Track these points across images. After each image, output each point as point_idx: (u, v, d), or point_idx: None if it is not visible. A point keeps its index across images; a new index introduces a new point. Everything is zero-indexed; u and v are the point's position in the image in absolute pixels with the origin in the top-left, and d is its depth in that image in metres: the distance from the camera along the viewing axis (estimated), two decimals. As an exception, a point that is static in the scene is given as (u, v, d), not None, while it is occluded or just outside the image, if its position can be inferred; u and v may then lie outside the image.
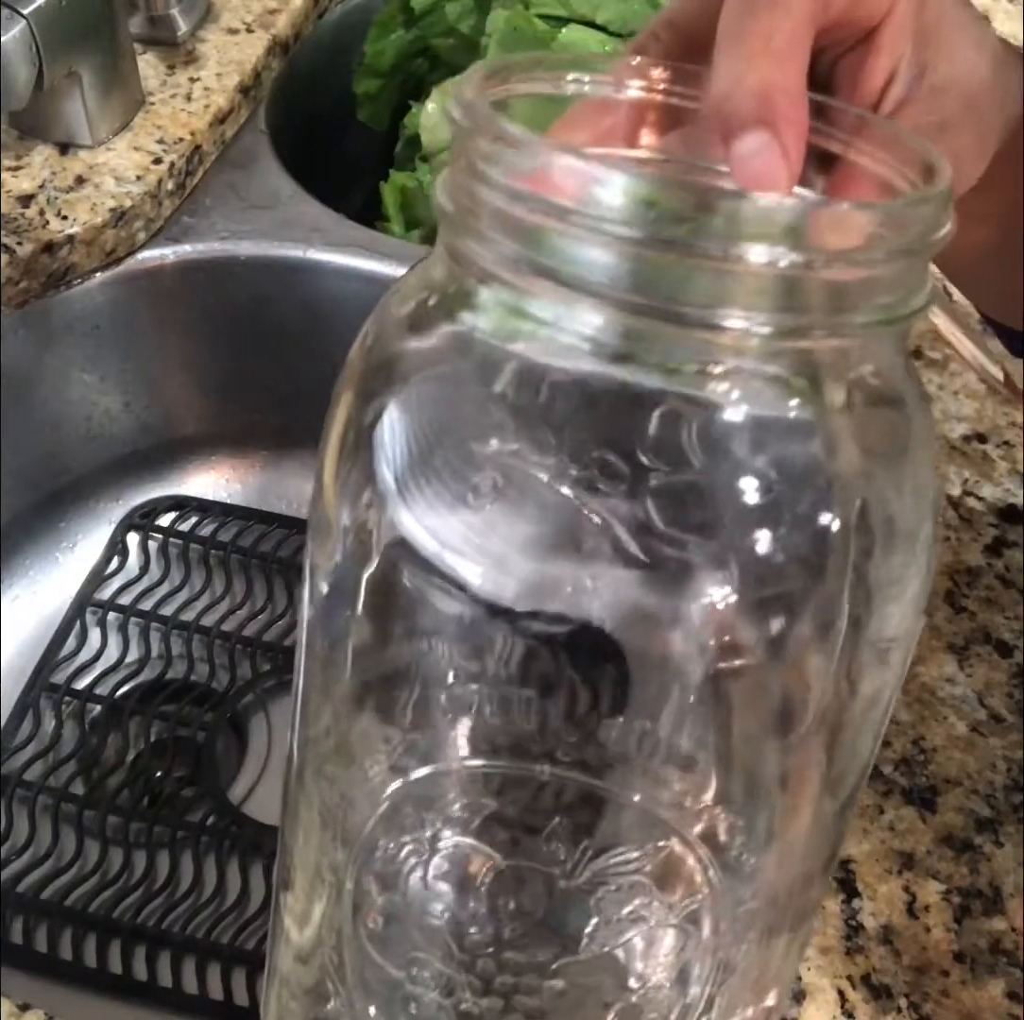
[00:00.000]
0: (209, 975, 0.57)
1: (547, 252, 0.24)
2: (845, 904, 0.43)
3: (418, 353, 0.28)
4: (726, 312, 0.24)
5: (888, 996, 0.41)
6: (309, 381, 0.73)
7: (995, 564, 0.52)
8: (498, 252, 0.25)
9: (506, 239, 0.25)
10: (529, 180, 0.24)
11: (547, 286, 0.24)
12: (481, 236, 0.25)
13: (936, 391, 0.58)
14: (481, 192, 0.25)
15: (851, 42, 0.30)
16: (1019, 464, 0.55)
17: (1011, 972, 0.41)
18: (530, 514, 0.26)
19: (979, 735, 0.47)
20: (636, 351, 0.25)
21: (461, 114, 0.26)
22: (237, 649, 0.69)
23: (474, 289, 0.26)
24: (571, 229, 0.24)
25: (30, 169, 0.67)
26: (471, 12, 0.80)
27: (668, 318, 0.24)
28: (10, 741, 0.64)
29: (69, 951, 0.57)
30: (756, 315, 0.24)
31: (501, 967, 0.31)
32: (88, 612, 0.69)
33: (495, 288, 0.26)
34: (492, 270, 0.25)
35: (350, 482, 0.28)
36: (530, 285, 0.25)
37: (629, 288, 0.24)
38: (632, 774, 0.28)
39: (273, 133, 0.76)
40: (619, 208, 0.24)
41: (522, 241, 0.25)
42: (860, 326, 0.25)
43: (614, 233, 0.23)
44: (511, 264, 0.25)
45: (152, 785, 0.64)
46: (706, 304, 0.24)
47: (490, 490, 0.26)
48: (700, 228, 0.24)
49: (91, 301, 0.68)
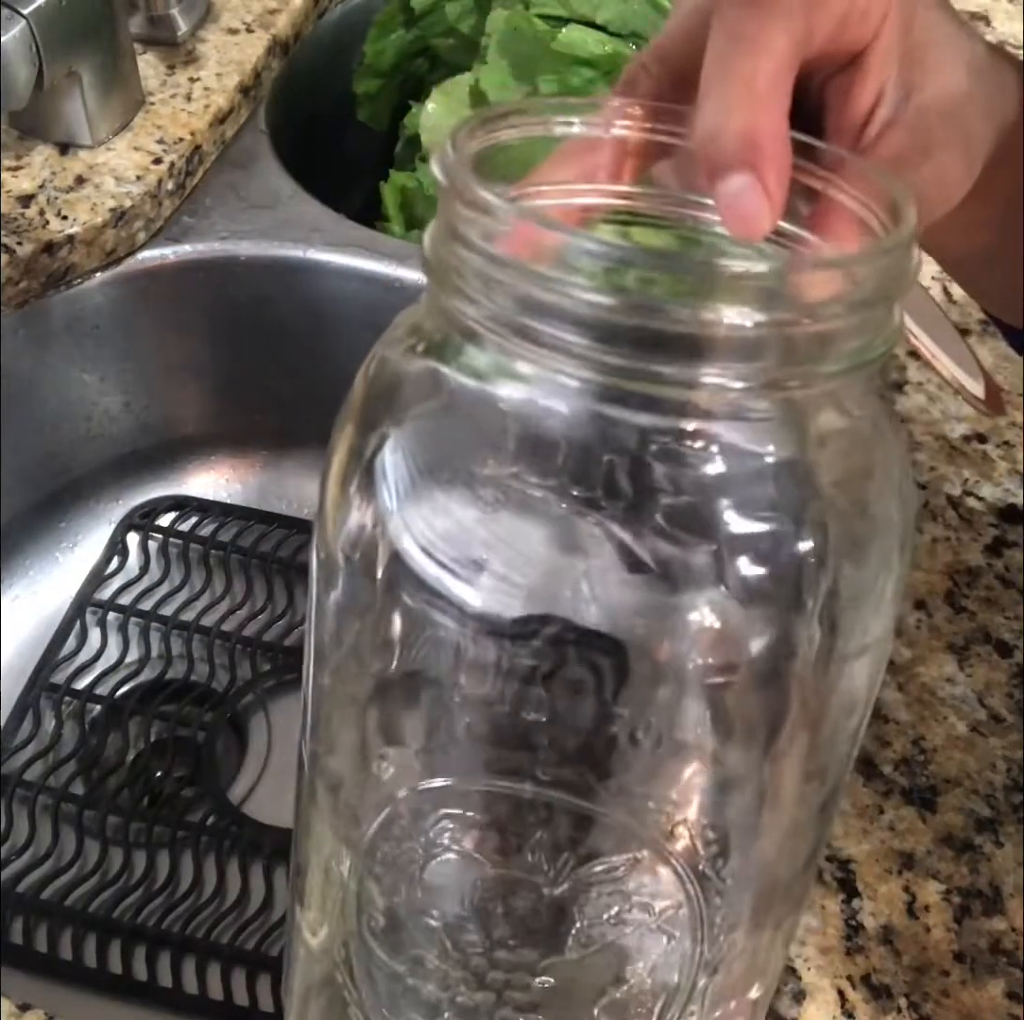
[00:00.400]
0: (209, 975, 0.57)
1: (525, 313, 0.25)
2: (845, 904, 0.43)
3: (415, 388, 0.29)
4: (700, 371, 0.25)
5: (888, 996, 0.41)
6: (309, 381, 0.73)
7: (995, 564, 0.52)
8: (480, 312, 0.26)
9: (485, 299, 0.26)
10: (505, 243, 0.25)
11: (527, 346, 0.25)
12: (463, 294, 0.26)
13: (936, 391, 0.58)
14: (460, 252, 0.26)
15: (839, 65, 0.31)
16: (1019, 464, 0.55)
17: (1011, 972, 0.41)
18: (528, 537, 0.27)
19: (979, 735, 0.47)
20: (615, 405, 0.26)
21: (441, 174, 0.27)
22: (237, 649, 0.69)
23: (459, 343, 0.27)
24: (544, 294, 0.25)
25: (30, 169, 0.67)
26: (471, 12, 0.80)
27: (645, 378, 0.25)
28: (10, 741, 0.64)
29: (69, 951, 0.57)
30: (729, 371, 0.25)
31: (493, 965, 0.32)
32: (88, 612, 0.69)
33: (479, 345, 0.27)
34: (474, 328, 0.26)
35: (352, 511, 0.29)
36: (511, 345, 0.26)
37: (605, 350, 0.25)
38: (611, 791, 0.30)
39: (273, 133, 0.76)
40: (588, 273, 0.25)
41: (500, 302, 0.25)
42: (831, 374, 0.26)
43: (584, 299, 0.24)
44: (491, 323, 0.26)
45: (152, 785, 0.64)
46: (681, 363, 0.25)
47: (489, 516, 0.27)
48: (672, 289, 0.25)
49: (91, 301, 0.68)
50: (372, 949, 0.34)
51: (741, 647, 0.27)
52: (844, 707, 0.30)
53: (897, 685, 0.48)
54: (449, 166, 0.27)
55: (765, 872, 0.32)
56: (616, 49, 0.71)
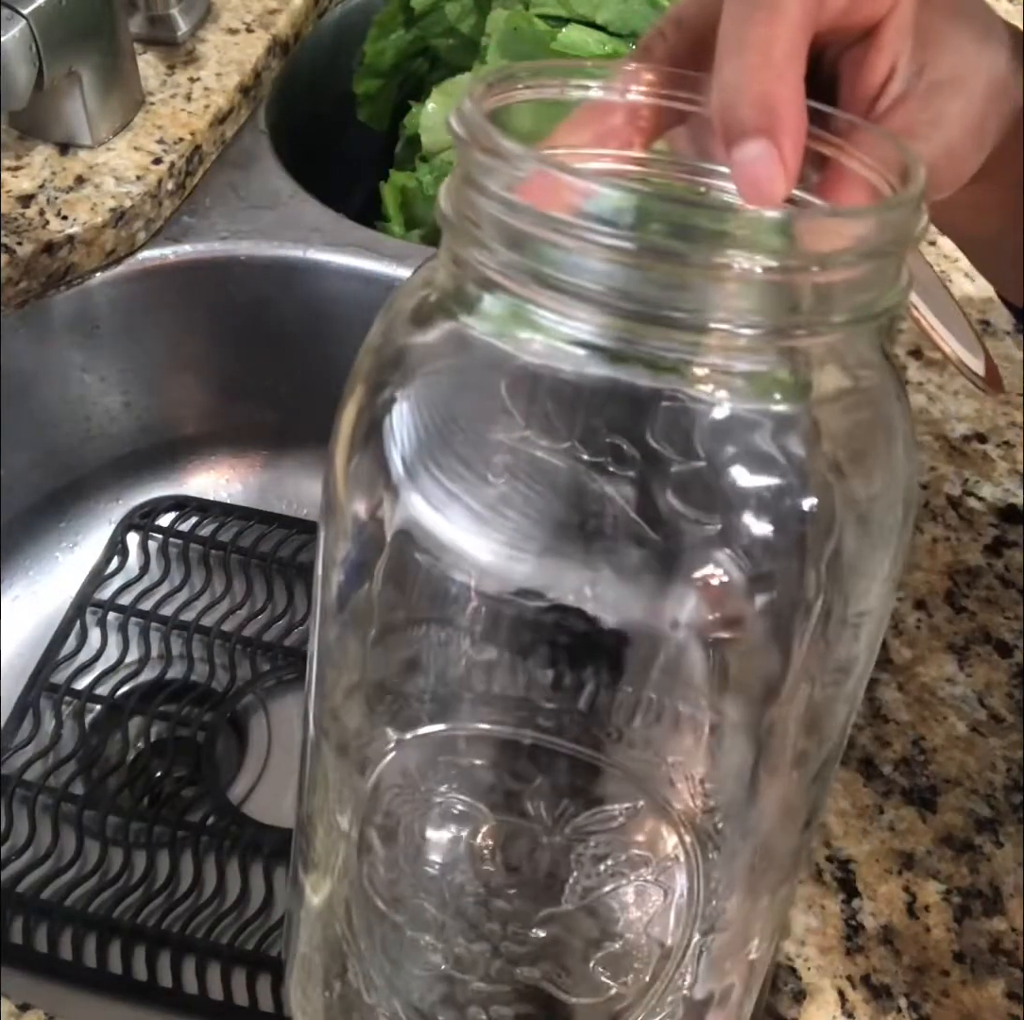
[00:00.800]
0: (209, 975, 0.57)
1: (542, 260, 0.26)
2: (845, 904, 0.43)
3: (425, 346, 0.30)
4: (713, 315, 0.25)
5: (888, 996, 0.41)
6: (309, 381, 0.73)
7: (995, 564, 0.52)
8: (496, 260, 0.26)
9: (503, 247, 0.26)
10: (523, 191, 0.26)
11: (543, 293, 0.26)
12: (480, 244, 0.27)
13: (936, 391, 0.58)
14: (478, 202, 0.26)
15: (853, 39, 0.31)
16: (1019, 464, 0.55)
17: (1011, 972, 0.41)
18: (539, 495, 0.28)
19: (979, 735, 0.47)
20: (629, 352, 0.26)
21: (458, 125, 0.27)
22: (237, 649, 0.69)
23: (475, 293, 0.28)
24: (563, 239, 0.25)
25: (30, 169, 0.67)
26: (471, 12, 0.80)
27: (658, 322, 0.25)
28: (10, 741, 0.64)
29: (69, 951, 0.57)
30: (740, 317, 0.25)
31: (490, 915, 0.33)
32: (88, 612, 0.69)
33: (494, 293, 0.27)
34: (491, 276, 0.27)
35: (362, 470, 0.30)
36: (527, 291, 0.26)
37: (620, 294, 0.25)
38: (611, 739, 0.30)
39: (273, 133, 0.76)
40: (606, 219, 0.25)
41: (519, 250, 0.26)
42: (839, 324, 0.26)
43: (602, 243, 0.25)
44: (509, 271, 0.26)
45: (152, 785, 0.64)
46: (694, 308, 0.25)
47: (500, 473, 0.28)
48: (686, 236, 0.25)
49: (91, 301, 0.68)
50: (372, 900, 0.34)
51: (745, 603, 0.28)
52: (842, 669, 0.31)
53: (897, 685, 0.48)
54: (468, 116, 0.27)
55: (761, 832, 0.33)
56: (616, 49, 0.71)
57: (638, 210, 0.25)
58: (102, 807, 0.62)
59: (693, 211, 0.26)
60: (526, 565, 0.28)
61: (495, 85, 0.29)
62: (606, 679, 0.30)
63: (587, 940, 0.33)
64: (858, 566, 0.29)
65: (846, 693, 0.32)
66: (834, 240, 0.26)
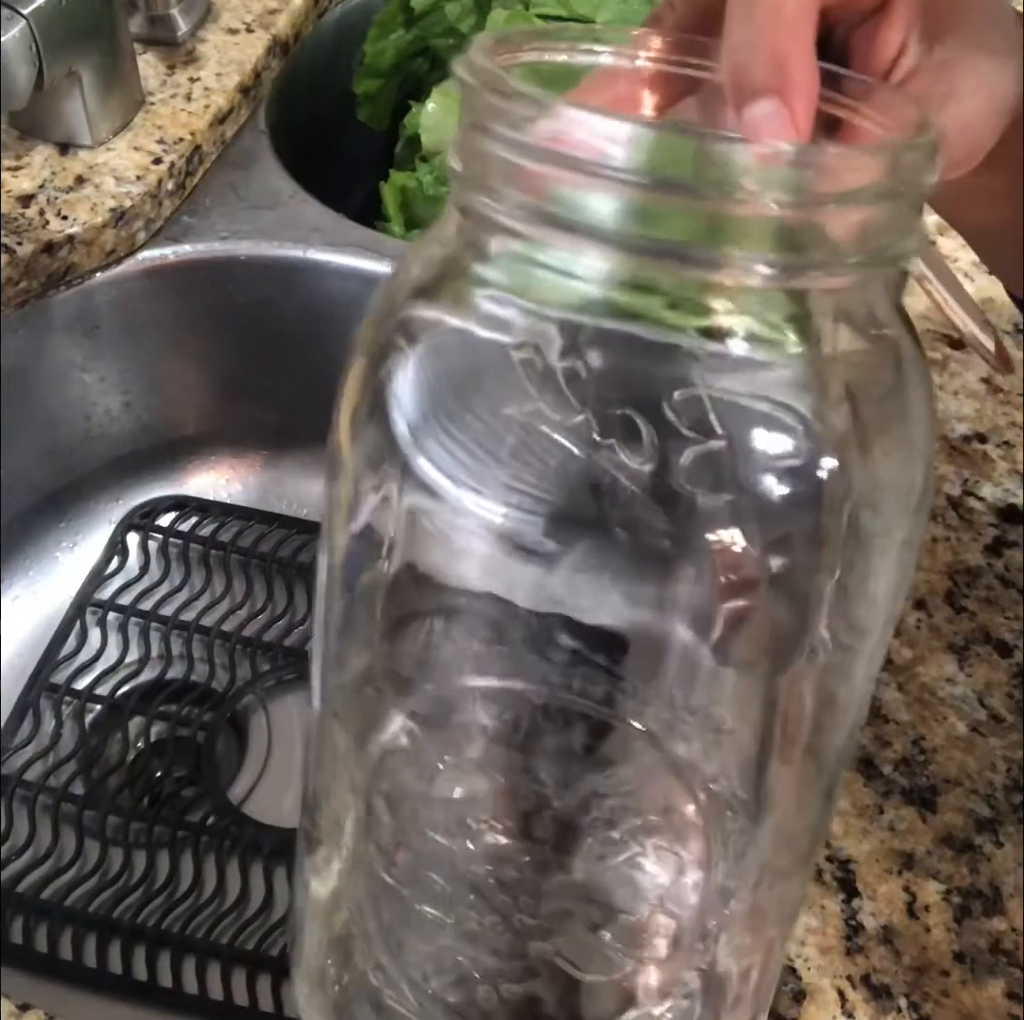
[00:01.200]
0: (209, 975, 0.57)
1: (555, 202, 0.25)
2: (845, 904, 0.43)
3: (427, 311, 0.29)
4: (727, 252, 0.25)
5: (888, 996, 0.41)
6: (309, 381, 0.73)
7: (995, 564, 0.52)
8: (507, 204, 0.26)
9: (515, 191, 0.26)
10: (535, 133, 0.25)
11: (555, 234, 0.26)
12: (490, 190, 0.26)
13: (936, 391, 0.58)
14: (489, 147, 0.26)
15: (863, 15, 0.31)
16: (1019, 464, 0.55)
17: (1011, 972, 0.41)
18: (546, 454, 0.28)
19: (979, 735, 0.47)
20: (643, 294, 0.26)
21: (468, 72, 0.27)
22: (237, 649, 0.69)
23: (484, 242, 0.27)
24: (576, 178, 0.25)
25: (30, 169, 0.67)
26: (471, 12, 0.80)
27: (673, 258, 0.25)
28: (10, 741, 0.64)
29: (69, 951, 0.57)
30: (755, 256, 0.25)
31: (499, 886, 0.32)
32: (88, 612, 0.69)
33: (505, 240, 0.27)
34: (501, 221, 0.26)
35: (367, 440, 0.30)
36: (539, 234, 0.26)
37: (635, 232, 0.25)
38: (625, 695, 0.30)
39: (273, 133, 0.76)
40: (623, 155, 0.25)
41: (530, 192, 0.26)
42: (853, 266, 0.26)
43: (618, 179, 0.25)
44: (520, 214, 0.26)
45: (152, 785, 0.64)
46: (708, 245, 0.25)
47: (505, 434, 0.28)
48: (703, 173, 0.25)
49: (91, 301, 0.68)
50: (378, 875, 0.34)
51: (760, 567, 0.27)
52: (857, 635, 0.30)
53: (897, 685, 0.48)
54: (478, 65, 0.27)
55: (779, 802, 0.32)
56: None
57: (653, 147, 0.25)
58: (102, 807, 0.62)
59: (708, 145, 0.26)
60: (537, 522, 0.28)
61: (502, 43, 0.29)
62: (620, 636, 0.29)
63: (601, 912, 0.32)
64: (875, 538, 0.29)
65: (861, 674, 0.31)
66: (849, 179, 0.26)
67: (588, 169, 0.25)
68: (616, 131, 0.25)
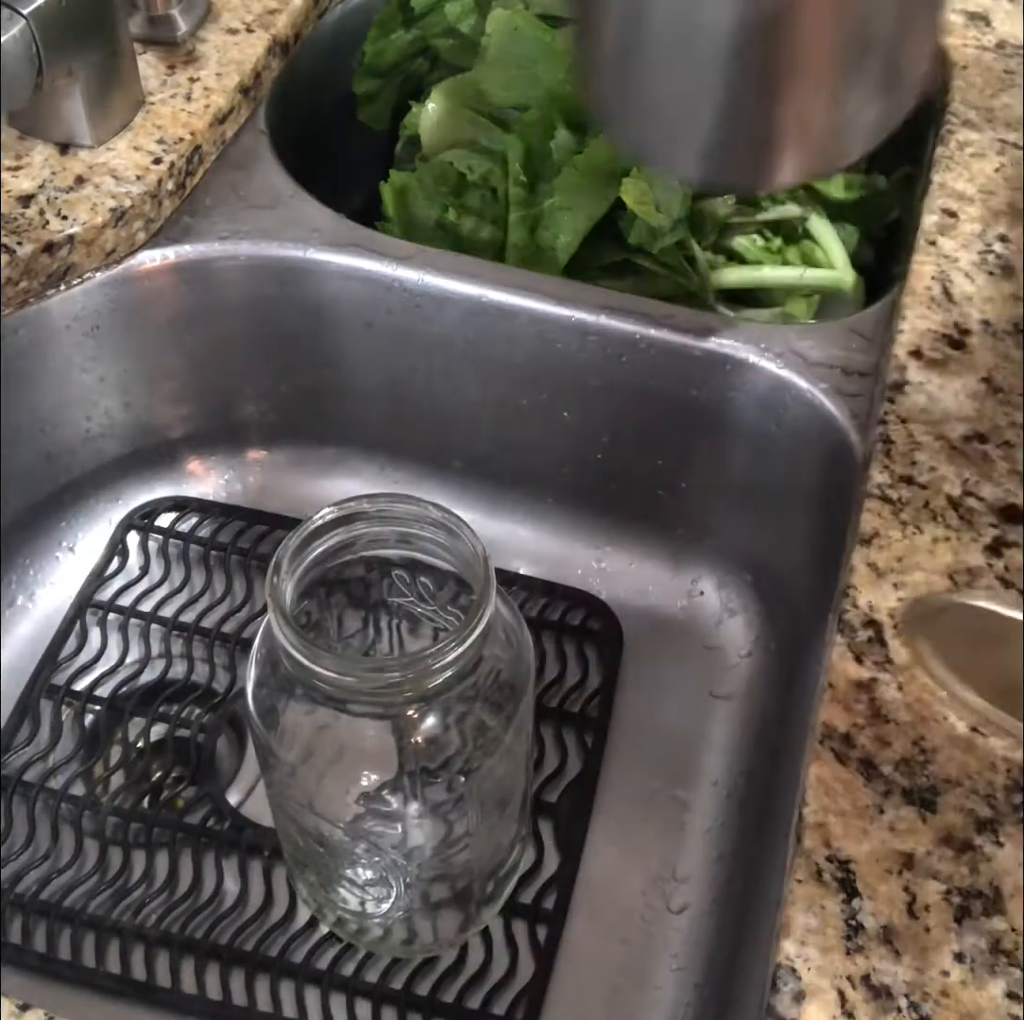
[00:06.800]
0: (208, 975, 0.57)
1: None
2: (845, 904, 0.43)
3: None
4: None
5: (888, 996, 0.41)
6: (309, 381, 0.73)
7: (995, 564, 0.52)
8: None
9: None
10: None
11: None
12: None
13: (936, 391, 0.58)
14: None
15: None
16: (1019, 464, 0.55)
17: (1011, 972, 0.41)
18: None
19: (979, 735, 0.47)
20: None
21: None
22: (237, 650, 0.69)
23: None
24: None
25: (30, 169, 0.67)
26: (471, 12, 0.80)
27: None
28: (10, 741, 0.64)
29: (68, 951, 0.57)
30: None
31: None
32: (88, 613, 0.70)
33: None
34: None
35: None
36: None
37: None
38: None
39: (273, 133, 0.76)
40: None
41: None
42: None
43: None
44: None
45: (152, 785, 0.64)
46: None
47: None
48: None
49: (91, 301, 0.68)
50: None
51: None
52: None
53: (897, 685, 0.48)
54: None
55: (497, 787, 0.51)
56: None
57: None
58: (101, 808, 0.62)
59: None
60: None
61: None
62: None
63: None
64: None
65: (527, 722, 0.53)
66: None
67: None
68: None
